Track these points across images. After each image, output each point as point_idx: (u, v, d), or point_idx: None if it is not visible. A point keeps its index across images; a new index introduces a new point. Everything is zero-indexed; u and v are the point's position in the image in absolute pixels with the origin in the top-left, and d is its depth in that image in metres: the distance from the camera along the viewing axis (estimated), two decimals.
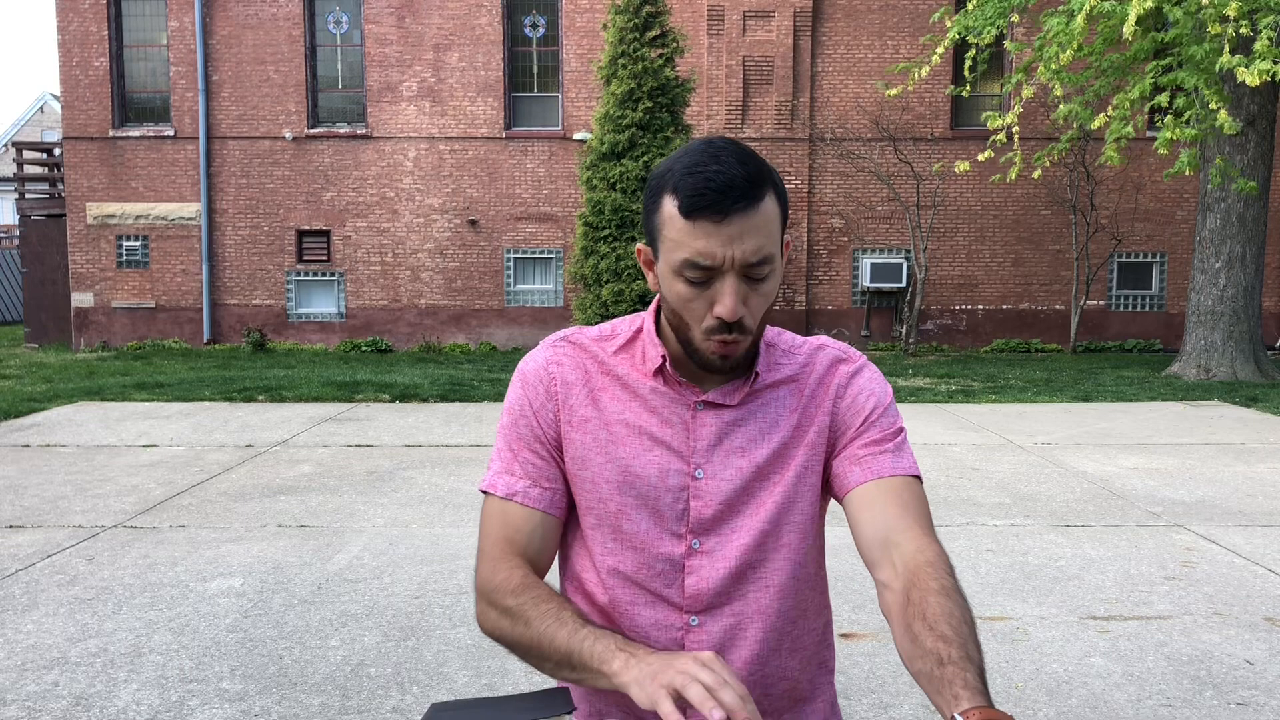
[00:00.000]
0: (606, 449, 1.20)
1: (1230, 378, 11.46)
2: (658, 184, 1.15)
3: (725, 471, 1.19)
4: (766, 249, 1.11)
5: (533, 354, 1.28)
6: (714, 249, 1.09)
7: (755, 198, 1.09)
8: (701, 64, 15.12)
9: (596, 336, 1.27)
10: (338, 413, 9.07)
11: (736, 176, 1.08)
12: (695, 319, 1.14)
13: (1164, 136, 9.77)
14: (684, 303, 1.13)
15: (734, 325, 1.12)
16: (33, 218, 16.76)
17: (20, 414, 8.94)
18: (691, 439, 1.19)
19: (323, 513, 5.44)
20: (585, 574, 1.24)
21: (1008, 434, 7.89)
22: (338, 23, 15.62)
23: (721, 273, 1.10)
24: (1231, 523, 5.23)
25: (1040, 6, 13.71)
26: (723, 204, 1.08)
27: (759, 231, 1.10)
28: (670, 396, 1.21)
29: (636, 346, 1.24)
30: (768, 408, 1.22)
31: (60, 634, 3.64)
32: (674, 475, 1.18)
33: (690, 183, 1.09)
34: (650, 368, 1.21)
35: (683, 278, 1.12)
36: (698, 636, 1.18)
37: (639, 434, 1.20)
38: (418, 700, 3.09)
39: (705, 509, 1.18)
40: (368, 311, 15.78)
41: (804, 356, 1.27)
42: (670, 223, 1.12)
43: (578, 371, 1.24)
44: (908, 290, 15.27)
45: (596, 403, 1.22)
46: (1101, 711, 3.03)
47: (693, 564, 1.18)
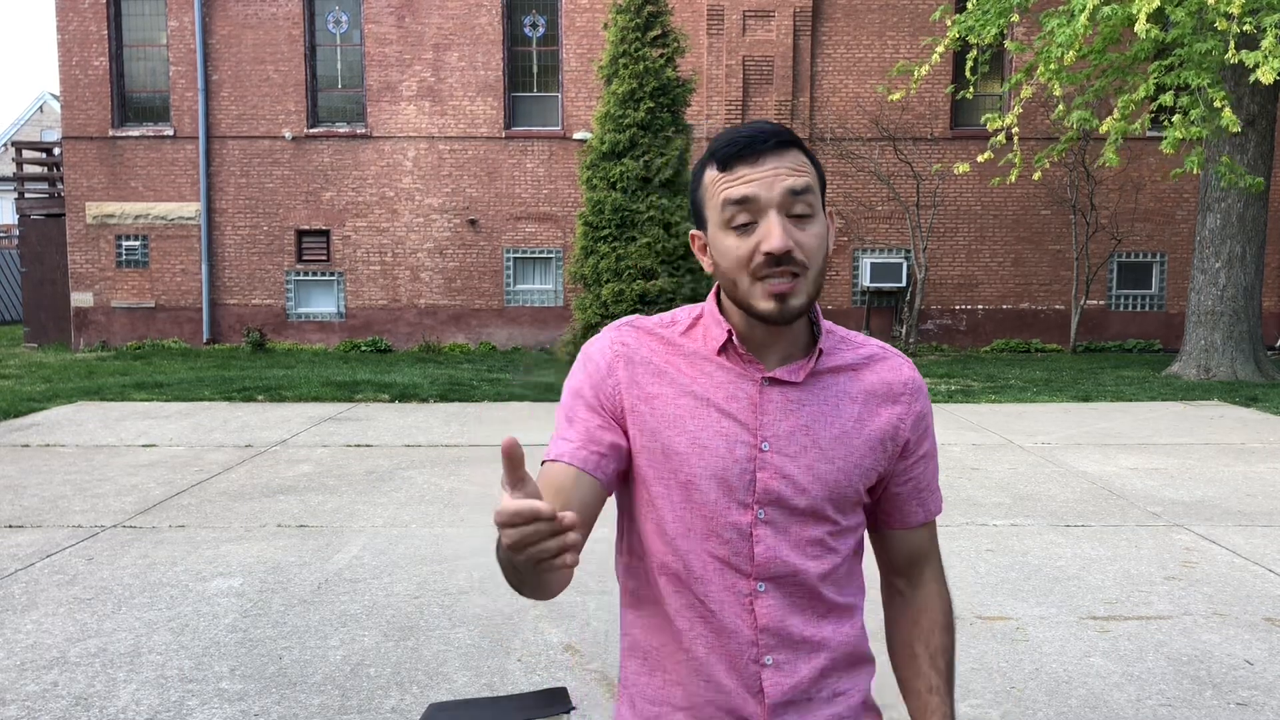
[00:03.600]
0: (675, 422, 1.25)
1: (1230, 378, 11.46)
2: (698, 166, 1.25)
3: (790, 447, 1.24)
4: (805, 184, 1.18)
5: (596, 337, 1.33)
6: (752, 188, 1.17)
7: (784, 144, 1.19)
8: (701, 64, 15.11)
9: (658, 323, 1.32)
10: (337, 413, 9.06)
11: (764, 129, 1.19)
12: (744, 266, 1.19)
13: (1173, 136, 9.74)
14: (733, 254, 1.19)
15: (784, 258, 1.16)
16: (32, 217, 16.76)
17: (20, 414, 8.94)
18: (758, 413, 1.24)
19: (322, 513, 5.44)
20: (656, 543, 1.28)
21: (1008, 434, 7.89)
22: (337, 22, 15.61)
23: (763, 210, 1.17)
24: (1231, 523, 5.22)
25: (1040, 6, 13.70)
26: (753, 146, 1.18)
27: (795, 170, 1.18)
28: (736, 372, 1.26)
29: (699, 329, 1.30)
30: (829, 390, 1.28)
31: (60, 634, 3.64)
32: (741, 447, 1.23)
33: (722, 141, 1.21)
34: (714, 346, 1.26)
35: (729, 228, 1.19)
36: (765, 602, 1.24)
37: (707, 406, 1.25)
38: (417, 700, 3.09)
39: (771, 480, 1.23)
40: (367, 311, 15.78)
41: (865, 350, 1.33)
42: (711, 183, 1.22)
43: (645, 350, 1.29)
44: (908, 290, 15.27)
45: (664, 378, 1.27)
46: (1101, 711, 3.02)
47: (759, 533, 1.24)
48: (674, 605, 1.26)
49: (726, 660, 1.24)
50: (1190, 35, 9.92)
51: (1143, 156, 14.75)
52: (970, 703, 3.09)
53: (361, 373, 11.99)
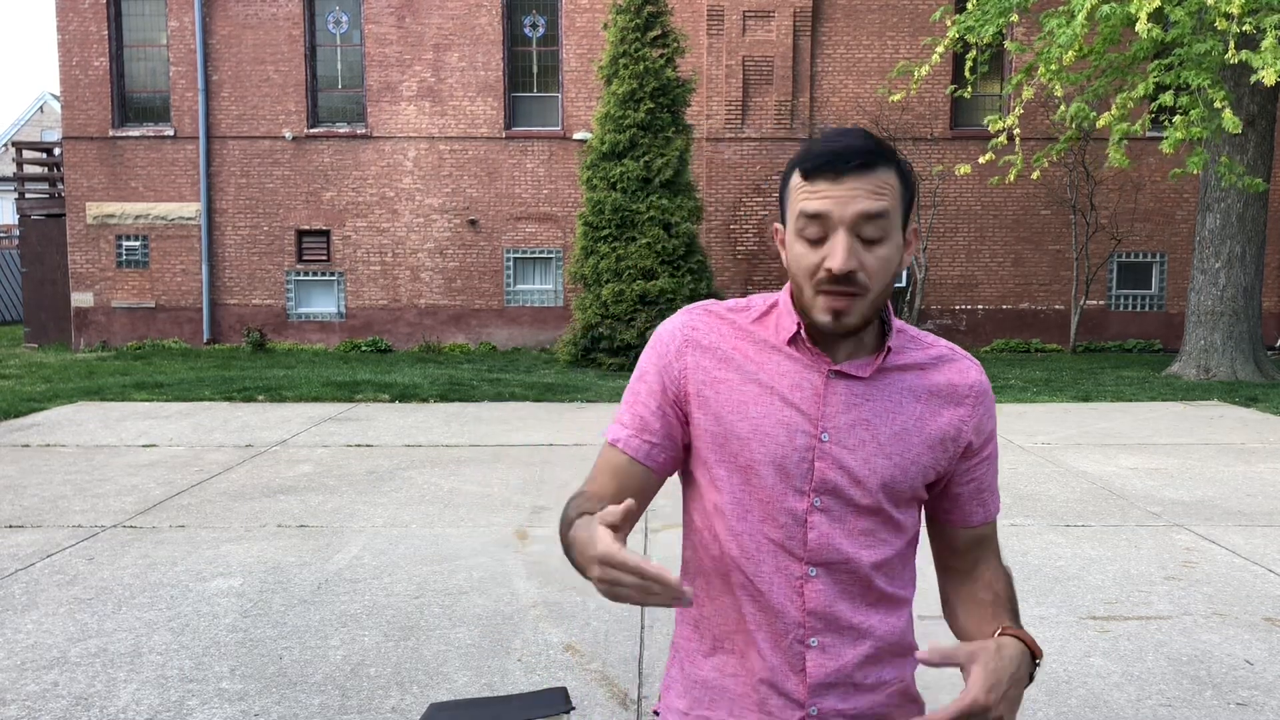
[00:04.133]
0: (740, 407, 1.28)
1: (1230, 378, 11.46)
2: (790, 165, 1.27)
3: (850, 439, 1.27)
4: (880, 208, 1.19)
5: (669, 320, 1.36)
6: (827, 204, 1.19)
7: (870, 164, 1.20)
8: (701, 64, 15.11)
9: (731, 308, 1.36)
10: (338, 413, 9.07)
11: (854, 145, 1.20)
12: (809, 276, 1.22)
13: (1174, 136, 9.74)
14: (801, 262, 1.23)
15: (844, 278, 1.19)
16: (33, 218, 16.76)
17: (20, 414, 8.94)
18: (821, 404, 1.27)
19: (322, 513, 5.44)
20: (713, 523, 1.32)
21: (1008, 434, 7.89)
22: (338, 23, 15.62)
23: (834, 228, 1.19)
24: (1231, 523, 5.22)
25: (1040, 6, 13.70)
26: (837, 164, 1.19)
27: (873, 193, 1.20)
28: (804, 363, 1.29)
29: (771, 318, 1.33)
30: (894, 388, 1.30)
31: (60, 634, 3.64)
32: (801, 436, 1.27)
33: (812, 151, 1.22)
34: (784, 336, 1.30)
35: (802, 237, 1.22)
36: (815, 587, 1.28)
37: (771, 394, 1.28)
38: (418, 700, 3.09)
39: (828, 470, 1.27)
40: (367, 311, 15.78)
41: (934, 351, 1.35)
42: (794, 188, 1.24)
43: (713, 336, 1.33)
44: (908, 290, 15.27)
45: (731, 363, 1.31)
46: (1101, 711, 3.03)
47: (814, 520, 1.27)
48: (726, 580, 1.31)
49: (772, 638, 1.29)
50: (1190, 35, 9.92)
51: (1143, 156, 14.75)
52: None
53: (362, 373, 12.00)
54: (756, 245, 15.31)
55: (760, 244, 15.31)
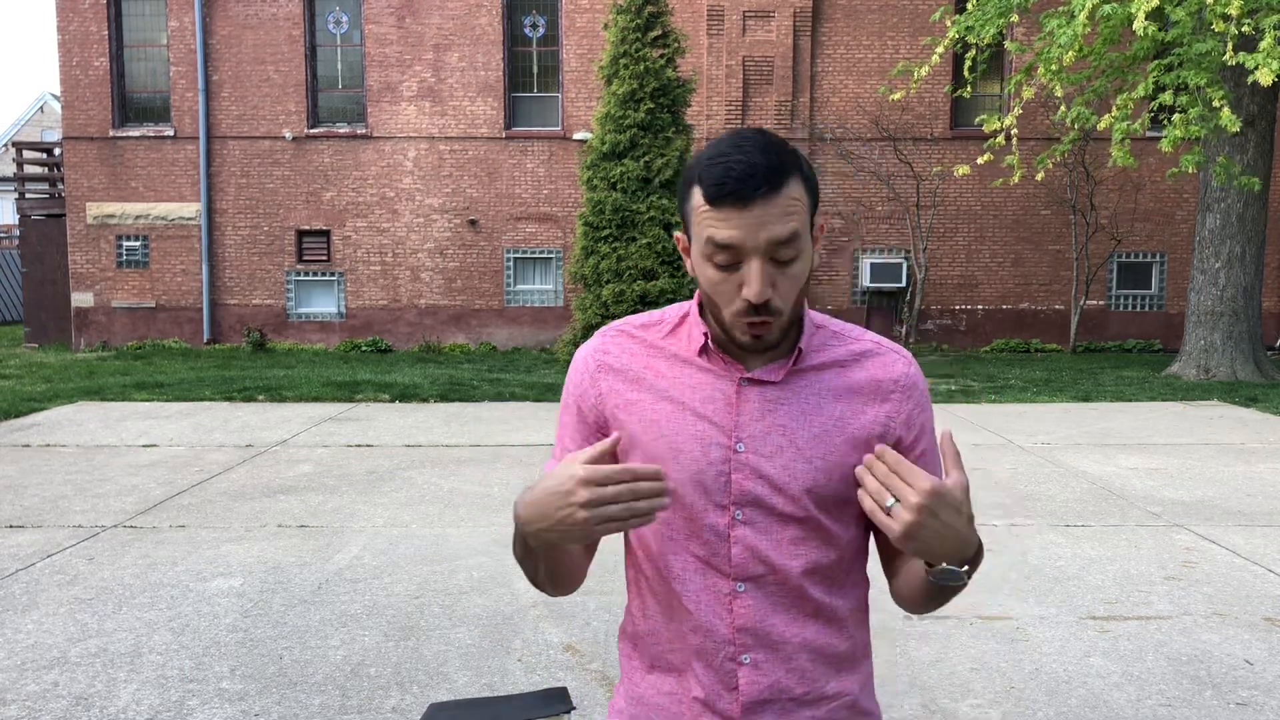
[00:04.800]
0: (653, 427, 1.26)
1: (1230, 378, 11.46)
2: (688, 174, 1.22)
3: (766, 447, 1.24)
4: (791, 231, 1.16)
5: (584, 345, 1.36)
6: (738, 234, 1.15)
7: (777, 184, 1.15)
8: (701, 64, 15.11)
9: (645, 323, 1.34)
10: (338, 413, 9.07)
11: (759, 164, 1.14)
12: (725, 301, 1.20)
13: (1173, 135, 9.74)
14: (714, 286, 1.20)
15: (761, 307, 1.17)
16: (33, 218, 16.76)
17: (20, 414, 8.94)
18: (734, 414, 1.25)
19: (323, 513, 5.44)
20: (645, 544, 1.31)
21: (1008, 434, 7.89)
22: (338, 23, 15.62)
23: (748, 256, 1.16)
24: (1231, 523, 5.23)
25: (1040, 7, 13.70)
26: (744, 190, 1.14)
27: (783, 216, 1.15)
28: (715, 373, 1.26)
29: (683, 329, 1.30)
30: (811, 389, 1.26)
31: (60, 634, 3.64)
32: (715, 449, 1.24)
33: (714, 172, 1.16)
34: (695, 347, 1.27)
35: (712, 263, 1.19)
36: (744, 602, 1.25)
37: (683, 410, 1.26)
38: (418, 700, 3.09)
39: (745, 481, 1.23)
40: (368, 311, 15.78)
41: (858, 346, 1.31)
42: (698, 211, 1.19)
43: (625, 357, 1.31)
44: (908, 290, 15.27)
45: (642, 383, 1.29)
46: (1101, 711, 3.03)
47: (737, 534, 1.24)
48: (658, 600, 1.29)
49: (704, 656, 1.25)
50: (1189, 35, 9.92)
51: (1142, 156, 14.74)
52: (970, 702, 3.09)
53: (362, 373, 12.00)
54: None
55: None
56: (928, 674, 3.30)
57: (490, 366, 13.07)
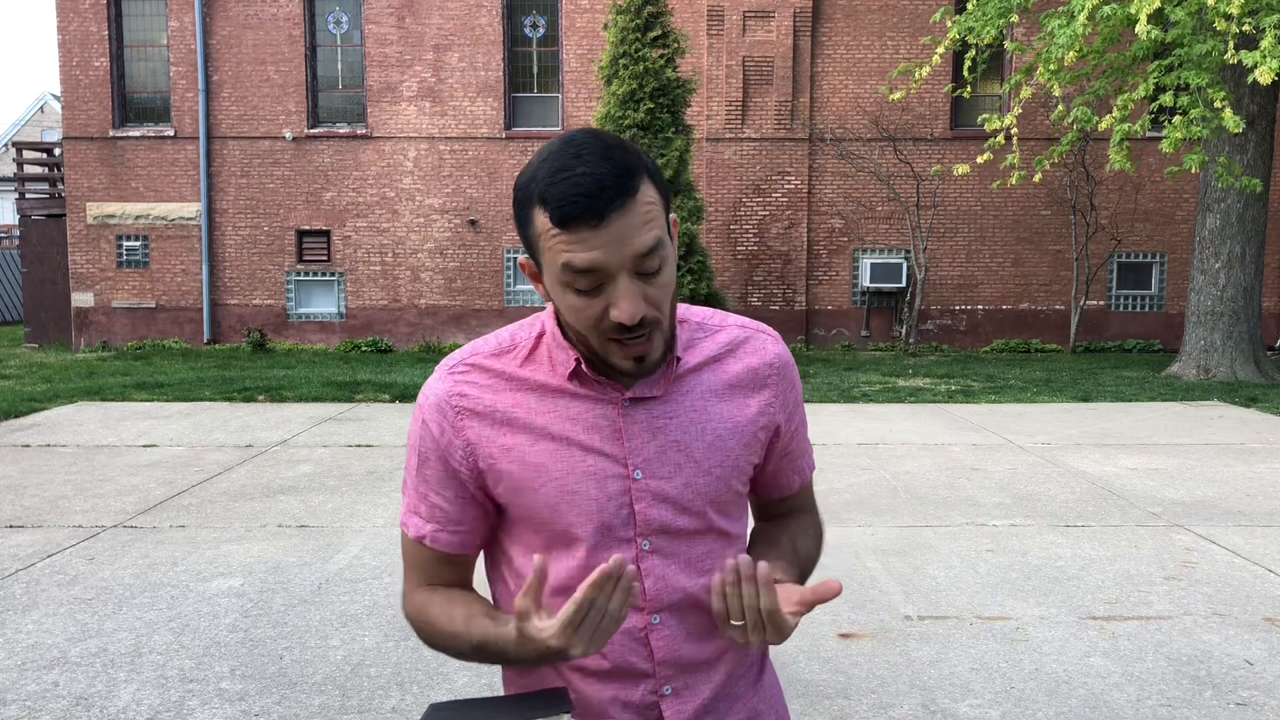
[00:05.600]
0: (540, 473, 1.14)
1: (1230, 378, 11.46)
2: (524, 195, 1.07)
3: (663, 468, 1.15)
4: (655, 239, 1.05)
5: (431, 386, 1.18)
6: (599, 255, 1.02)
7: (629, 192, 1.02)
8: (701, 64, 15.11)
9: (495, 351, 1.18)
10: (338, 413, 9.07)
11: (605, 175, 1.01)
12: (594, 328, 1.07)
13: (1174, 135, 9.74)
14: (579, 314, 1.07)
15: (636, 326, 1.06)
16: (33, 218, 16.76)
17: (20, 414, 8.94)
18: (624, 440, 1.14)
19: (323, 513, 5.44)
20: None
21: (1008, 434, 7.89)
22: (338, 23, 15.62)
23: (612, 276, 1.04)
24: (1231, 523, 5.23)
25: (1040, 7, 13.70)
26: (596, 207, 1.01)
27: (643, 226, 1.04)
28: (593, 399, 1.14)
29: (541, 353, 1.17)
30: (694, 394, 1.17)
31: (60, 634, 3.64)
32: (613, 481, 1.14)
33: (558, 191, 1.02)
34: (563, 372, 1.14)
35: (572, 289, 1.05)
36: (661, 633, 1.17)
37: (568, 446, 1.14)
38: (418, 700, 3.09)
39: (650, 510, 1.15)
40: (368, 311, 15.78)
41: (725, 335, 1.22)
42: (546, 235, 1.05)
43: (487, 396, 1.15)
44: (907, 290, 15.27)
45: (515, 424, 1.15)
46: (1101, 711, 3.03)
47: (647, 566, 1.16)
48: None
49: (621, 699, 1.17)
50: (1190, 35, 9.92)
51: (1143, 157, 14.74)
52: (970, 702, 3.09)
53: (362, 373, 12.00)
54: (757, 245, 15.32)
55: (760, 244, 15.31)
56: (928, 674, 3.30)
57: None
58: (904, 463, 6.75)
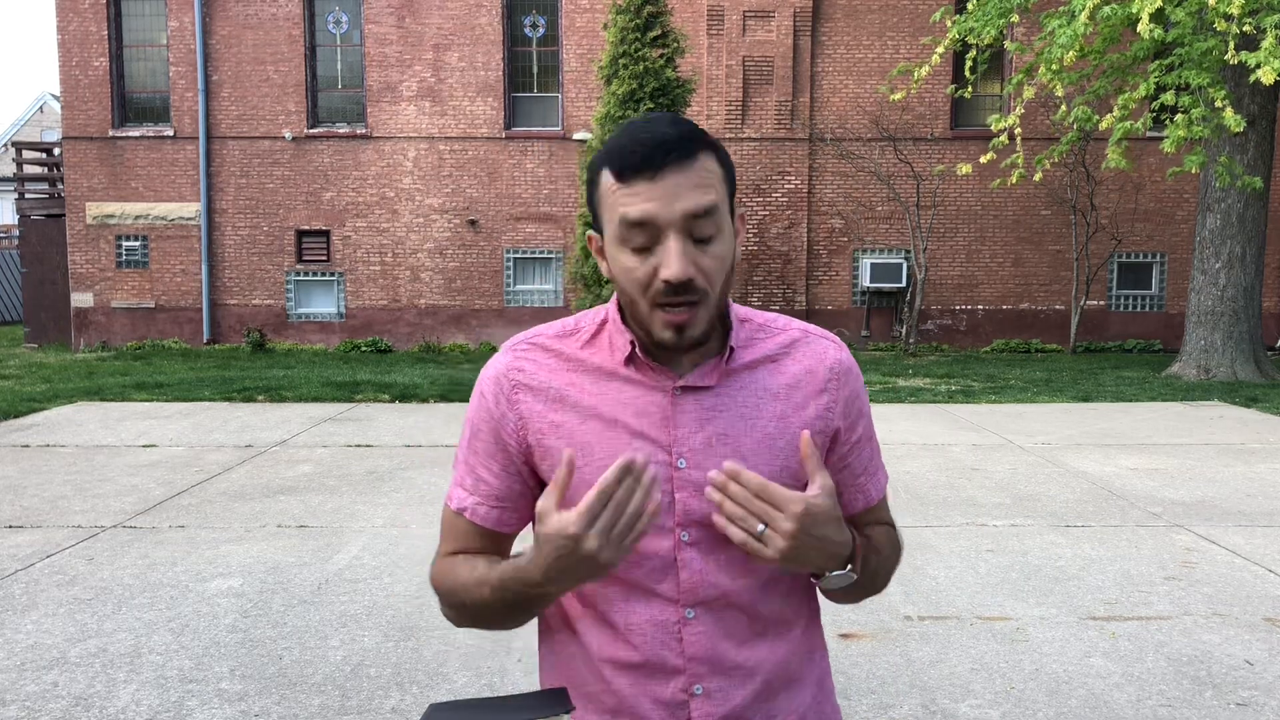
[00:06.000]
0: (585, 451, 1.15)
1: (1230, 378, 11.46)
2: (595, 161, 1.13)
3: (709, 460, 1.14)
4: (709, 203, 1.08)
5: (493, 361, 1.22)
6: (652, 207, 1.06)
7: (688, 152, 1.07)
8: (701, 64, 15.11)
9: (559, 333, 1.21)
10: (337, 413, 9.06)
11: (666, 135, 1.07)
12: (643, 290, 1.09)
13: (1175, 135, 9.74)
14: (630, 275, 1.10)
15: (682, 287, 1.07)
16: (32, 218, 16.76)
17: (20, 414, 8.94)
18: (671, 428, 1.15)
19: (322, 513, 5.44)
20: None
21: (1008, 434, 7.89)
22: (338, 23, 15.62)
23: (663, 232, 1.07)
24: (1231, 523, 5.22)
25: (1041, 7, 13.70)
26: (654, 159, 1.06)
27: (698, 186, 1.07)
28: (645, 385, 1.16)
29: (603, 338, 1.19)
30: (748, 390, 1.17)
31: (60, 634, 3.64)
32: (656, 467, 1.13)
33: (620, 146, 1.09)
34: (620, 356, 1.16)
35: (627, 246, 1.09)
36: (694, 629, 1.16)
37: (616, 428, 1.15)
38: (418, 700, 3.09)
39: (691, 500, 1.14)
40: (367, 311, 15.78)
41: (785, 336, 1.22)
42: (608, 193, 1.10)
43: (544, 374, 1.18)
44: (908, 290, 15.27)
45: (566, 403, 1.17)
46: (1101, 711, 3.02)
47: (684, 557, 1.15)
48: (593, 640, 1.19)
49: (652, 693, 1.16)
50: (1190, 35, 9.92)
51: (1143, 156, 14.75)
52: (970, 703, 3.09)
53: (362, 373, 12.00)
54: (757, 245, 15.31)
55: (760, 244, 15.31)
56: (928, 674, 3.30)
57: None
58: (904, 463, 6.74)
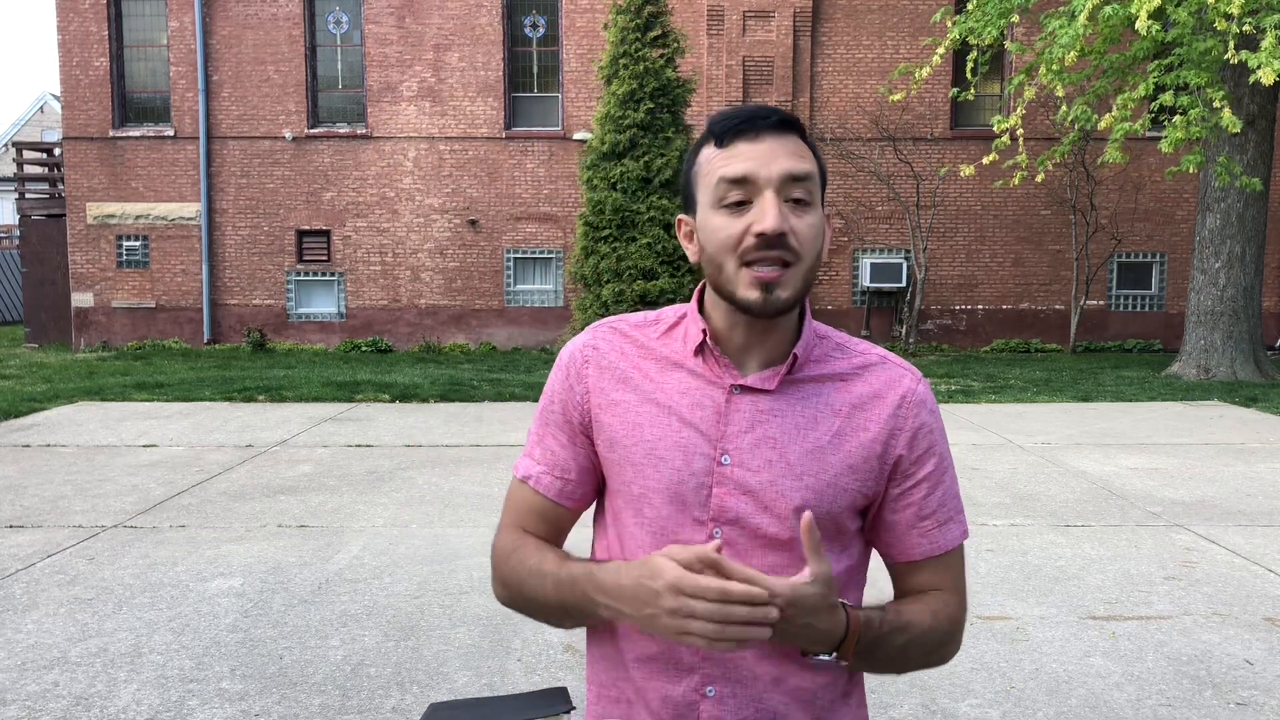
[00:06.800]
0: (635, 430, 1.17)
1: (1230, 378, 11.46)
2: (697, 144, 1.19)
3: (753, 461, 1.13)
4: (806, 170, 1.12)
5: (575, 338, 1.27)
6: (750, 165, 1.10)
7: (788, 125, 1.13)
8: (701, 64, 15.11)
9: (640, 323, 1.25)
10: (338, 413, 9.07)
11: (768, 110, 1.14)
12: (733, 249, 1.11)
13: (1174, 135, 9.74)
14: (721, 235, 1.12)
15: (777, 240, 1.08)
16: (33, 218, 16.76)
17: (20, 414, 8.94)
18: (722, 423, 1.15)
19: (323, 513, 5.44)
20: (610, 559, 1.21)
21: (1008, 434, 7.89)
22: (338, 23, 15.62)
23: (760, 190, 1.10)
24: (1231, 523, 5.23)
25: (1041, 7, 13.70)
26: (755, 124, 1.12)
27: (795, 154, 1.12)
28: (706, 379, 1.17)
29: (679, 329, 1.22)
30: (808, 402, 1.16)
31: (60, 634, 3.64)
32: (699, 459, 1.14)
33: (722, 117, 1.15)
34: (691, 346, 1.18)
35: (721, 206, 1.12)
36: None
37: (668, 414, 1.16)
38: (418, 700, 3.09)
39: (728, 497, 1.13)
40: (368, 311, 15.78)
41: (861, 359, 1.20)
42: (708, 161, 1.15)
43: (615, 355, 1.22)
44: (908, 290, 15.27)
45: (630, 384, 1.19)
46: (1101, 711, 3.03)
47: None
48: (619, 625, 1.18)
49: (664, 687, 1.15)
50: (1190, 35, 9.92)
51: (1143, 156, 14.75)
52: (970, 702, 3.09)
53: (362, 373, 12.00)
54: None
55: None
56: (927, 674, 3.30)
57: (490, 366, 13.07)
58: None
